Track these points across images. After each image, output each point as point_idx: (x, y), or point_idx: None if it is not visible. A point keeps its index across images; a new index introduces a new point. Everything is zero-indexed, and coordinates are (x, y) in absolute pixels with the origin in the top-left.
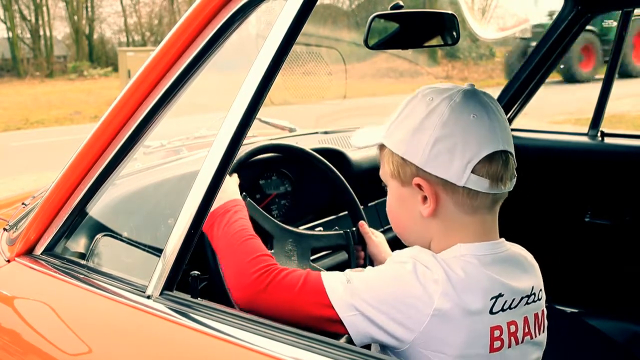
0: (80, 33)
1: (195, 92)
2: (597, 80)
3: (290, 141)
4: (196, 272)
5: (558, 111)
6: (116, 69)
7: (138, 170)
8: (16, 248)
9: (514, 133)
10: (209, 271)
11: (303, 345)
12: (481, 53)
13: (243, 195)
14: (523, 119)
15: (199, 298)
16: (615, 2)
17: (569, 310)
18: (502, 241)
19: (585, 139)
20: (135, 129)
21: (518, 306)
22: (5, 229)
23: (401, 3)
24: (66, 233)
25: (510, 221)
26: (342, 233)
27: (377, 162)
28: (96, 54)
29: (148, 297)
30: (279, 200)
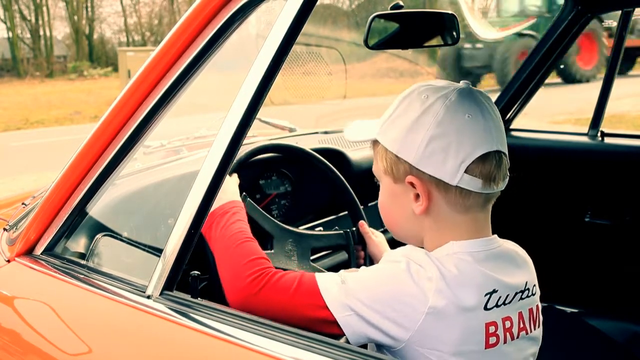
0: (80, 33)
1: (195, 92)
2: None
3: (290, 141)
4: (196, 272)
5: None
6: (116, 69)
7: (138, 170)
8: (16, 248)
9: (514, 133)
10: (209, 271)
11: (303, 345)
12: None
13: (243, 195)
14: (523, 119)
15: (199, 298)
16: (615, 2)
17: (569, 310)
18: (495, 237)
19: (585, 139)
20: (135, 129)
21: (512, 302)
22: (5, 229)
23: (401, 3)
24: (66, 233)
25: (510, 221)
26: (342, 233)
27: None
28: (96, 54)
29: (148, 297)
30: (279, 200)
